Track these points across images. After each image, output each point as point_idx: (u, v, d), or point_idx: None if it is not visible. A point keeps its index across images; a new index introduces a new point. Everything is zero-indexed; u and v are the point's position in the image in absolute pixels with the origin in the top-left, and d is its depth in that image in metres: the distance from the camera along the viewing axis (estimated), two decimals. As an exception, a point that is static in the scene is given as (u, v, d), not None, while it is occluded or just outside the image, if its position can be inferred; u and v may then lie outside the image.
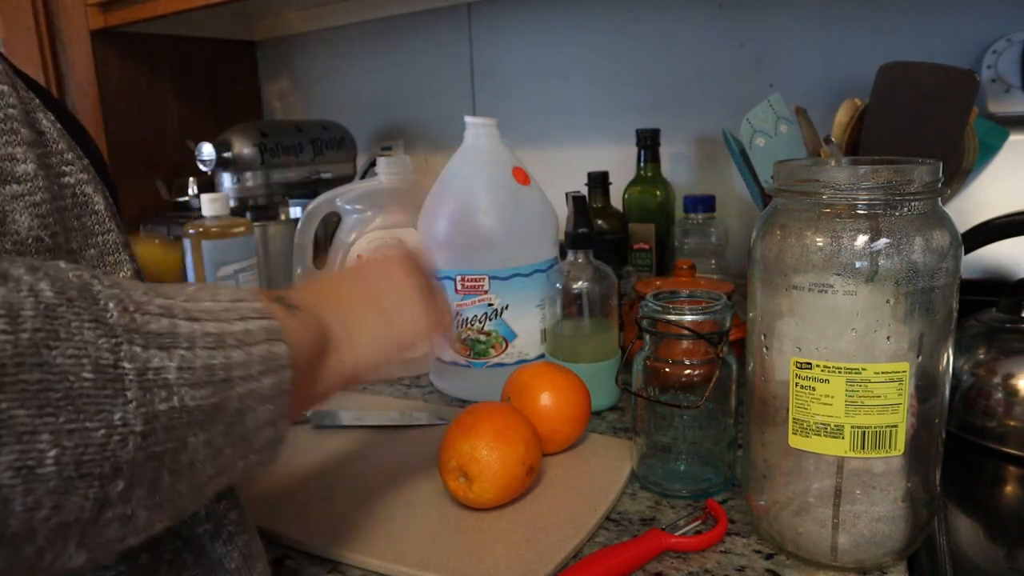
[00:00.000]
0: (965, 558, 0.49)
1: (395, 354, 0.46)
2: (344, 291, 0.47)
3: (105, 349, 0.27)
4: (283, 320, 0.38)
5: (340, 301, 0.46)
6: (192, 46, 1.31)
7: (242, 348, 0.33)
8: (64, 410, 0.25)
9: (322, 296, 0.45)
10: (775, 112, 0.75)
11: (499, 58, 1.21)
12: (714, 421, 0.58)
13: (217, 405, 0.31)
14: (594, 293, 0.73)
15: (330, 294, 0.46)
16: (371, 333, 0.45)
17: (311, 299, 0.44)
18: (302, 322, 0.40)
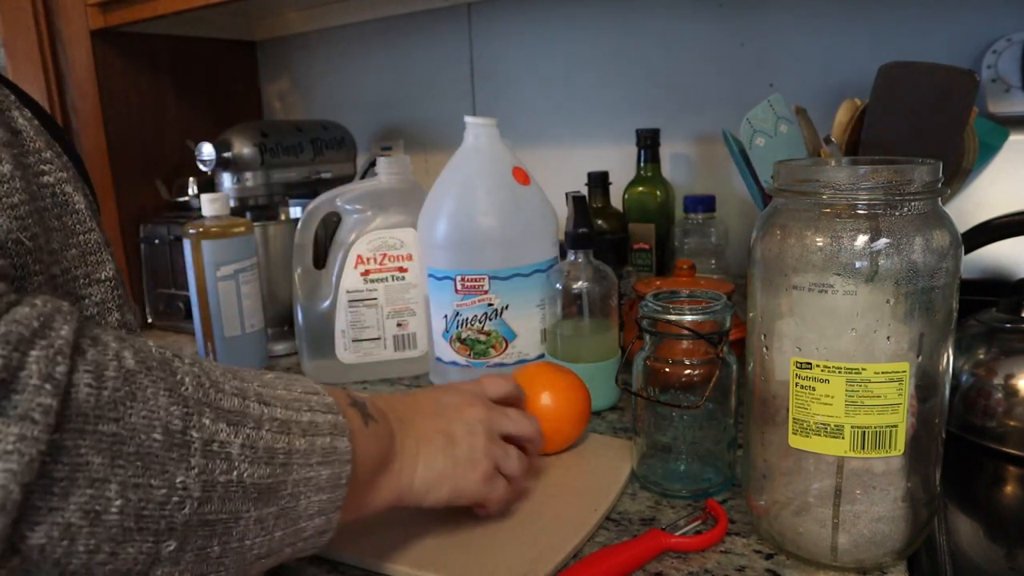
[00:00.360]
0: (965, 558, 0.49)
1: (446, 496, 0.47)
2: (426, 417, 0.48)
3: (176, 416, 0.30)
4: (353, 422, 0.41)
5: (417, 425, 0.47)
6: (192, 46, 1.31)
7: (306, 437, 0.35)
8: (133, 464, 0.28)
9: (403, 413, 0.47)
10: (775, 112, 0.75)
11: (499, 58, 1.21)
12: (714, 421, 0.58)
13: (273, 486, 0.33)
14: (594, 293, 0.73)
15: (411, 414, 0.48)
16: (435, 466, 0.47)
17: (391, 412, 0.46)
18: (373, 430, 0.42)
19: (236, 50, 1.42)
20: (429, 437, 0.47)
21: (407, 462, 0.45)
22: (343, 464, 0.37)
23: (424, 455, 0.46)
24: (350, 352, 0.87)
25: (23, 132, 0.37)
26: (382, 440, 0.43)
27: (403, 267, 0.86)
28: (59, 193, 0.38)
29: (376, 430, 0.42)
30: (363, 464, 0.40)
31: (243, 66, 1.44)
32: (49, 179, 0.37)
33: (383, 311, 0.87)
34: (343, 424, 0.38)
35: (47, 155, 0.38)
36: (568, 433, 0.63)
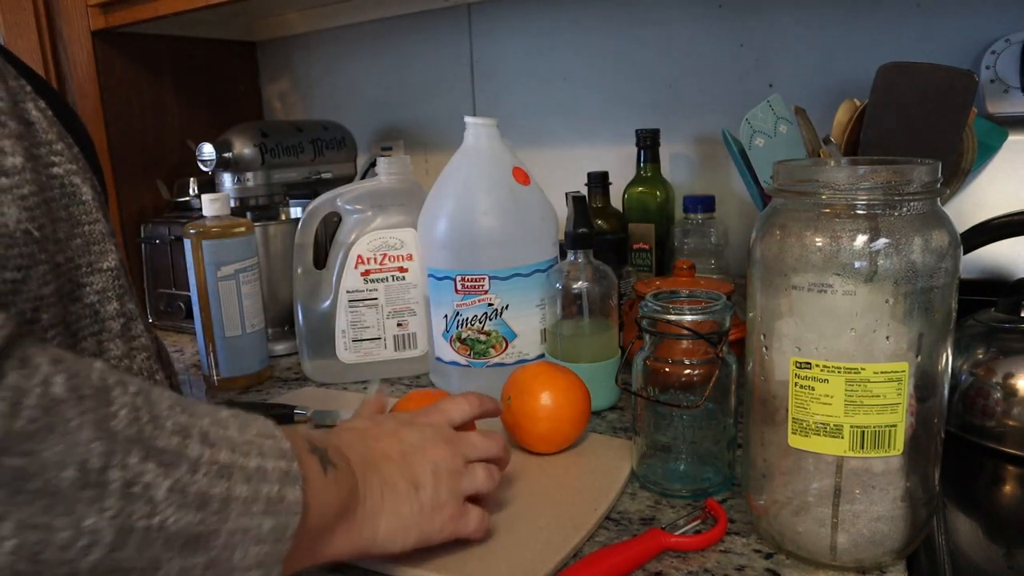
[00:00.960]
0: (964, 557, 0.49)
1: (414, 542, 0.46)
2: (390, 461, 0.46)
3: (96, 453, 0.27)
4: (310, 469, 0.38)
5: (381, 470, 0.45)
6: (193, 46, 1.31)
7: (249, 484, 0.33)
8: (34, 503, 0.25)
9: (367, 455, 0.45)
10: (774, 112, 0.75)
11: (499, 58, 1.21)
12: (714, 421, 0.58)
13: (203, 534, 0.31)
14: (594, 293, 0.74)
15: (376, 458, 0.46)
16: (400, 513, 0.45)
17: (355, 456, 0.44)
18: (333, 478, 0.40)
19: (236, 50, 1.42)
20: (393, 484, 0.45)
21: (370, 511, 0.43)
22: (290, 515, 0.35)
23: (389, 503, 0.44)
24: (350, 352, 0.87)
25: (36, 124, 0.37)
26: (342, 488, 0.41)
27: (403, 267, 0.86)
28: (67, 184, 0.38)
29: (336, 478, 0.40)
30: (318, 513, 0.38)
31: (243, 66, 1.44)
32: (58, 170, 0.38)
33: (383, 311, 0.87)
34: (295, 473, 0.36)
35: (58, 147, 0.38)
36: (568, 433, 0.63)
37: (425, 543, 0.46)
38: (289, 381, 0.90)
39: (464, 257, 0.76)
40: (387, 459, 0.46)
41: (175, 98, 1.29)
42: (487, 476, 0.50)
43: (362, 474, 0.43)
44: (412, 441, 0.48)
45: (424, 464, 0.47)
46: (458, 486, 0.48)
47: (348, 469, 0.42)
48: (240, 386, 0.88)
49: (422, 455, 0.47)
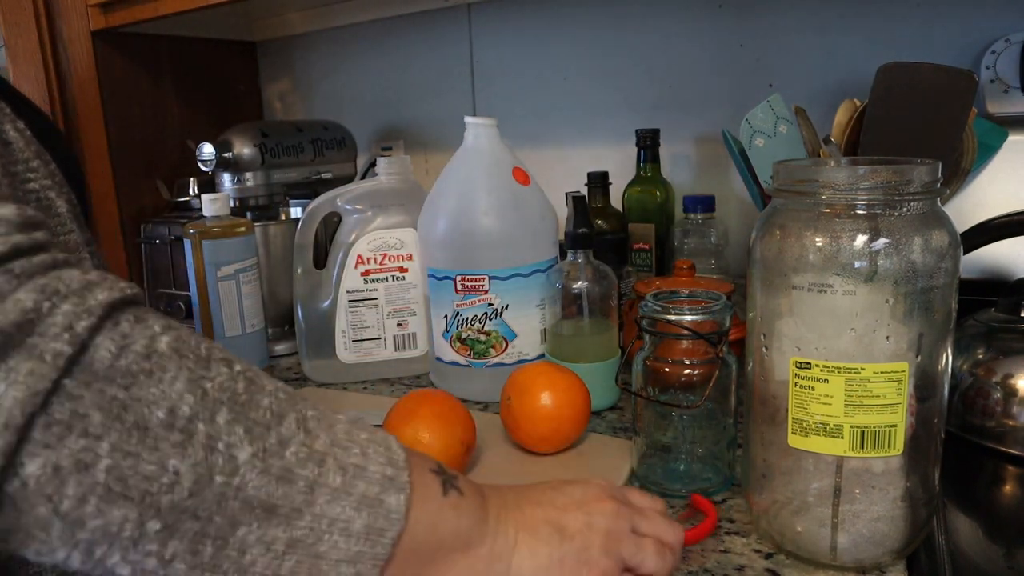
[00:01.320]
0: (964, 557, 0.49)
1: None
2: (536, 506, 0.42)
3: (187, 403, 0.30)
4: (426, 487, 0.36)
5: (522, 512, 0.41)
6: (193, 46, 1.31)
7: (344, 476, 0.33)
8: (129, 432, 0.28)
9: (508, 498, 0.42)
10: (774, 112, 0.75)
11: (499, 58, 1.21)
12: (714, 421, 0.58)
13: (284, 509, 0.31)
14: (594, 293, 0.74)
15: (518, 501, 0.42)
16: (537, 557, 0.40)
17: (493, 495, 0.41)
18: (453, 502, 0.38)
19: (237, 50, 1.42)
20: (533, 527, 0.41)
21: (499, 549, 0.39)
22: (388, 520, 0.34)
23: (524, 544, 0.40)
24: (350, 352, 0.87)
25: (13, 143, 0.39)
26: (464, 516, 0.38)
27: (403, 267, 0.86)
28: (42, 198, 0.40)
29: (459, 503, 0.38)
30: (429, 532, 0.36)
31: (244, 66, 1.44)
32: (34, 185, 0.39)
33: (383, 311, 0.87)
34: (403, 482, 0.35)
35: (34, 164, 0.40)
36: (568, 433, 0.63)
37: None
38: (289, 381, 0.90)
39: (464, 257, 0.76)
40: (532, 503, 0.42)
41: (175, 98, 1.29)
42: (658, 555, 0.43)
43: (496, 512, 0.40)
44: (570, 493, 0.43)
45: (577, 513, 0.42)
46: (617, 549, 0.41)
47: (477, 501, 0.39)
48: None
49: (578, 506, 0.42)
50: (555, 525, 0.41)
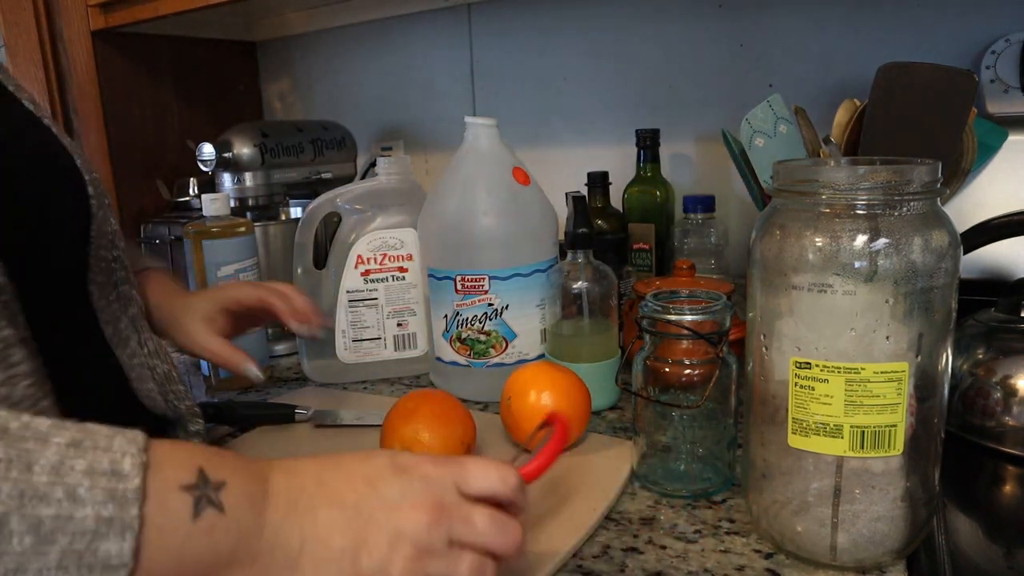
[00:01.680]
0: (964, 557, 0.49)
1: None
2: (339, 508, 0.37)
3: None
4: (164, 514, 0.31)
5: (315, 518, 0.36)
6: (193, 46, 1.31)
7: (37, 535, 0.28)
8: None
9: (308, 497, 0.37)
10: (774, 112, 0.75)
11: (499, 58, 1.21)
12: (714, 421, 0.58)
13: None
14: (594, 293, 0.74)
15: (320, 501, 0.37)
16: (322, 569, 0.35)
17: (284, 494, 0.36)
18: (206, 528, 0.33)
19: (236, 50, 1.42)
20: (325, 538, 0.36)
21: (276, 564, 0.35)
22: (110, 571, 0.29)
23: (308, 561, 0.35)
24: (350, 352, 0.87)
25: None
26: (223, 537, 0.33)
27: (403, 267, 0.86)
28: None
29: (214, 524, 0.33)
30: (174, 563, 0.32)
31: (243, 66, 1.44)
32: None
33: (383, 311, 0.87)
34: (129, 521, 0.30)
35: None
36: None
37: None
38: (289, 381, 0.90)
39: (464, 257, 0.76)
40: (335, 504, 0.37)
41: (175, 98, 1.29)
42: (471, 567, 0.38)
43: (280, 518, 0.35)
44: (386, 494, 0.37)
45: (384, 526, 0.36)
46: (423, 569, 0.36)
47: (245, 513, 0.34)
48: (240, 386, 0.88)
49: (387, 514, 0.37)
50: (352, 538, 0.36)
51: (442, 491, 0.39)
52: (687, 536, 0.52)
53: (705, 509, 0.56)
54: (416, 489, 0.38)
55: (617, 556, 0.50)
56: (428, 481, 0.39)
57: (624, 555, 0.50)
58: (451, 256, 0.77)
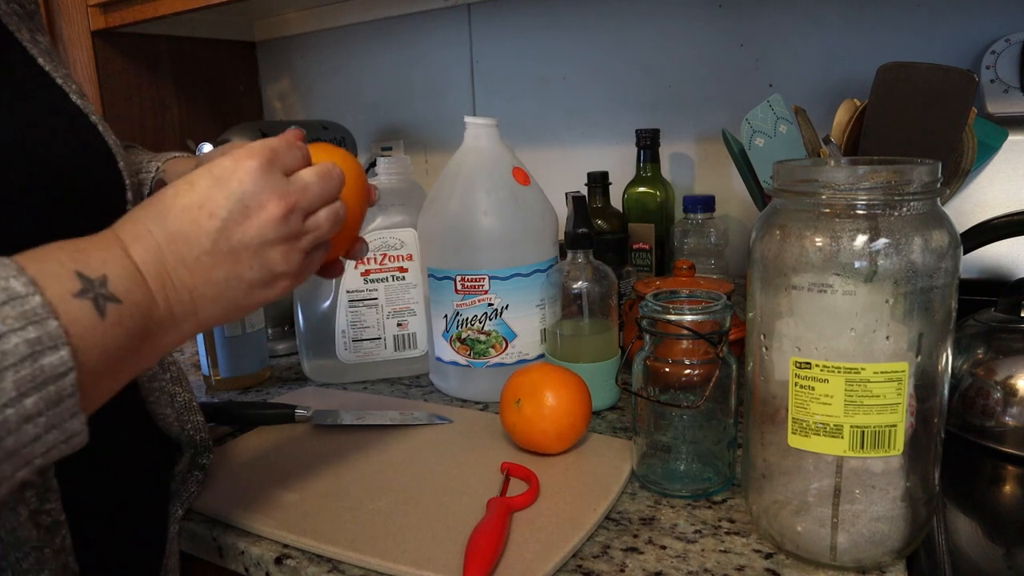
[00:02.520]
0: (964, 557, 0.49)
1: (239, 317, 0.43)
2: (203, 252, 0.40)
3: None
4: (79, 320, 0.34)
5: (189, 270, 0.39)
6: (193, 46, 1.31)
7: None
8: None
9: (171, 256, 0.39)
10: (774, 112, 0.75)
11: (499, 58, 1.21)
12: (714, 421, 0.58)
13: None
14: (594, 293, 0.74)
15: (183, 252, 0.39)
16: (219, 305, 0.41)
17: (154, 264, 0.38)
18: (115, 317, 0.36)
19: (236, 50, 1.42)
20: (206, 279, 0.40)
21: (182, 320, 0.40)
22: (57, 380, 0.32)
23: (204, 304, 0.40)
24: (350, 352, 0.87)
25: None
26: (130, 322, 0.36)
27: (403, 267, 0.86)
28: None
29: (120, 314, 0.36)
30: (106, 358, 0.35)
31: (243, 66, 1.44)
32: None
33: (383, 311, 0.87)
34: (53, 332, 0.32)
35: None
36: (580, 430, 0.63)
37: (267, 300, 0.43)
38: (289, 381, 0.90)
39: (464, 257, 0.76)
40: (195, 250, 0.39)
41: (175, 98, 1.29)
42: (332, 221, 0.44)
43: (162, 284, 0.39)
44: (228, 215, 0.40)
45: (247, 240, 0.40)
46: (298, 248, 0.42)
47: (139, 293, 0.37)
48: (240, 386, 0.88)
49: (243, 229, 0.40)
50: (229, 267, 0.40)
51: (272, 180, 0.41)
52: (687, 536, 0.52)
53: (705, 509, 0.56)
54: (251, 192, 0.41)
55: (617, 556, 0.50)
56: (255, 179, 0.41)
57: (624, 555, 0.50)
58: (451, 256, 0.77)
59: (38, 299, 0.32)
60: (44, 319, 0.32)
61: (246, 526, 0.56)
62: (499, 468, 0.62)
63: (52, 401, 0.33)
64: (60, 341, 0.32)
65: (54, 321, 0.33)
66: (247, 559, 0.54)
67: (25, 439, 0.32)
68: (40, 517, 0.42)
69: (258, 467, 0.65)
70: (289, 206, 0.42)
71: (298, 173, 0.44)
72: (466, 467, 0.63)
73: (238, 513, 0.57)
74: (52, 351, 0.32)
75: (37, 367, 0.32)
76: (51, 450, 0.33)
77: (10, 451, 0.32)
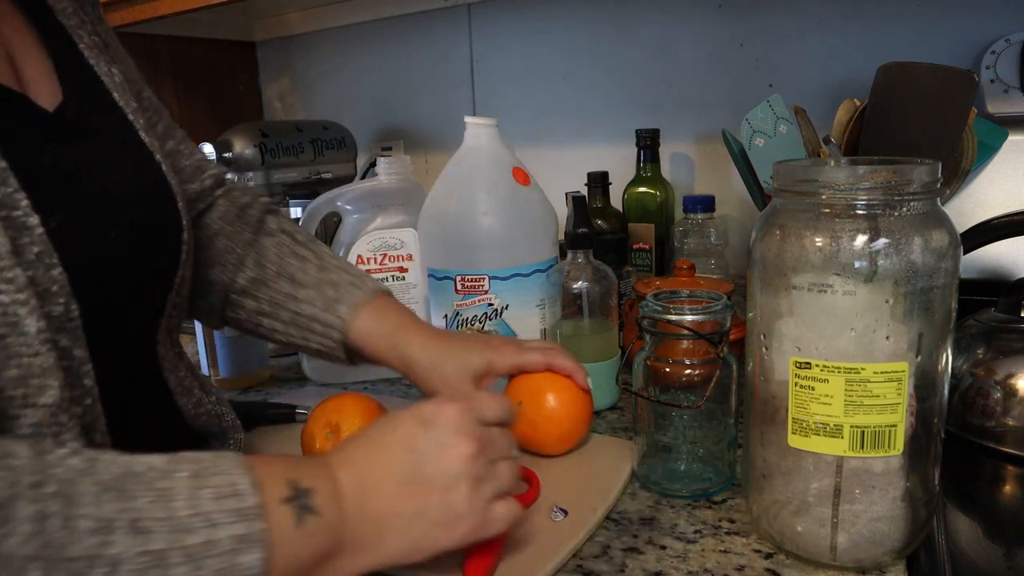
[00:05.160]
0: (964, 557, 0.49)
1: (425, 558, 0.43)
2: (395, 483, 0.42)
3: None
4: (279, 524, 0.36)
5: (381, 497, 0.41)
6: (193, 46, 1.31)
7: (193, 562, 0.32)
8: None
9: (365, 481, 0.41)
10: (774, 112, 0.75)
11: (499, 58, 1.21)
12: (714, 421, 0.58)
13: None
14: (594, 293, 0.74)
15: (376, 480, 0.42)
16: (403, 541, 0.42)
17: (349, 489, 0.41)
18: (309, 529, 0.38)
19: (236, 50, 1.42)
20: (395, 511, 0.41)
21: (364, 549, 0.41)
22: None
23: (389, 536, 0.41)
24: (350, 352, 0.87)
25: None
26: (322, 536, 0.38)
27: (403, 267, 0.86)
28: (9, 314, 0.38)
29: (315, 527, 0.38)
30: (287, 566, 0.36)
31: (243, 66, 1.44)
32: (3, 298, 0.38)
33: (383, 311, 0.87)
34: (256, 533, 0.34)
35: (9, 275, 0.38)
36: (583, 431, 0.63)
37: (445, 550, 0.43)
38: (289, 381, 0.90)
39: (464, 257, 0.76)
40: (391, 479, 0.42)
41: (175, 98, 1.29)
42: (510, 472, 0.46)
43: (356, 513, 0.40)
44: (426, 450, 0.43)
45: (438, 478, 0.42)
46: (483, 493, 0.43)
47: (334, 515, 0.39)
48: (240, 386, 0.88)
49: (436, 466, 0.43)
50: (417, 500, 0.42)
51: (469, 426, 0.44)
52: (687, 536, 0.52)
53: (705, 509, 0.56)
54: (448, 432, 0.44)
55: (617, 556, 0.50)
56: (453, 422, 0.44)
57: (624, 555, 0.50)
58: (451, 256, 0.77)
59: (254, 499, 0.35)
60: (253, 519, 0.34)
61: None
62: None
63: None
64: (260, 544, 0.34)
65: (261, 523, 0.34)
66: (247, 559, 0.54)
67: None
68: None
69: (258, 467, 0.65)
70: (480, 448, 0.44)
71: (492, 430, 0.46)
72: (466, 467, 0.62)
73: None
74: (250, 551, 0.34)
75: (235, 563, 0.34)
76: None
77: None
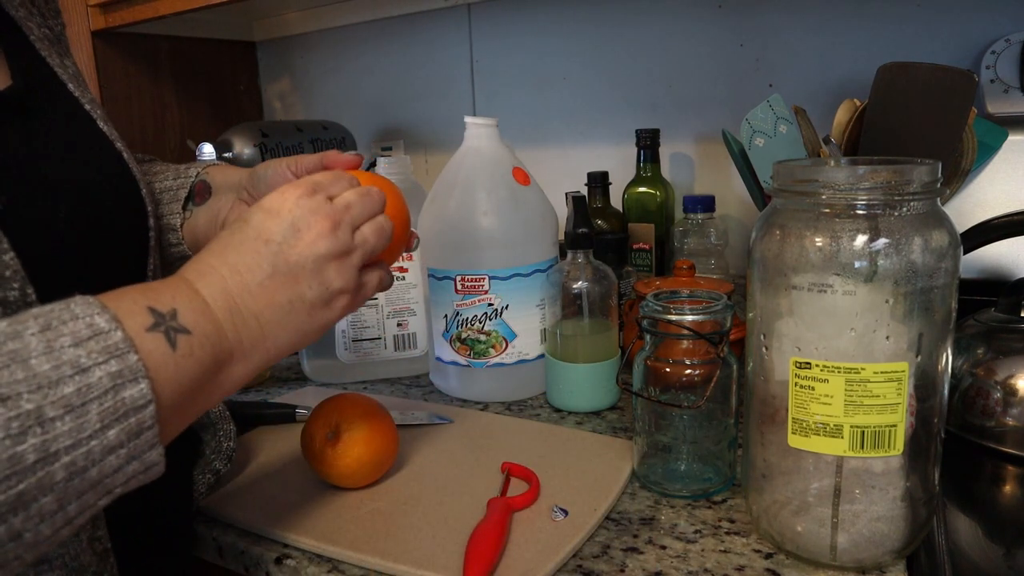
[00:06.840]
0: (964, 557, 0.49)
1: (309, 343, 0.44)
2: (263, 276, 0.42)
3: None
4: (154, 354, 0.35)
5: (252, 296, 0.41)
6: (193, 46, 1.31)
7: (73, 412, 0.32)
8: None
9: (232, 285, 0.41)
10: (774, 112, 0.75)
11: (499, 58, 1.21)
12: (714, 421, 0.58)
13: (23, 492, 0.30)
14: (594, 293, 0.74)
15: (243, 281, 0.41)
16: (288, 331, 0.43)
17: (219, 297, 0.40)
18: (187, 352, 0.37)
19: (236, 50, 1.42)
20: (270, 304, 0.41)
21: (253, 349, 0.41)
22: (138, 412, 0.34)
23: (272, 329, 0.42)
24: (350, 352, 0.87)
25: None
26: (201, 353, 0.38)
27: (403, 267, 0.86)
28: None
29: (191, 345, 0.37)
30: (180, 390, 0.36)
31: (243, 66, 1.44)
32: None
33: (383, 311, 0.87)
34: (132, 368, 0.33)
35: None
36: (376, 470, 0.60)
37: (322, 333, 0.45)
38: (289, 381, 0.90)
39: (464, 257, 0.76)
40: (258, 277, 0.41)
41: (175, 98, 1.29)
42: (377, 234, 0.47)
43: (229, 316, 0.40)
44: (282, 238, 0.42)
45: (304, 261, 0.42)
46: (350, 264, 0.45)
47: (207, 324, 0.39)
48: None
49: (298, 251, 0.42)
50: (290, 288, 0.42)
51: (317, 203, 0.44)
52: (687, 536, 0.52)
53: (705, 509, 0.56)
54: (299, 215, 0.43)
55: (617, 556, 0.50)
56: (301, 204, 0.44)
57: (624, 555, 0.50)
58: (451, 256, 0.77)
59: (119, 334, 0.34)
60: (124, 353, 0.34)
61: (246, 526, 0.56)
62: (499, 468, 0.62)
63: (133, 433, 0.34)
64: (140, 374, 0.34)
65: (134, 355, 0.34)
66: (247, 559, 0.54)
67: (108, 470, 0.33)
68: (95, 544, 0.43)
69: (258, 467, 0.65)
70: (335, 222, 0.44)
71: (340, 195, 0.46)
72: (466, 467, 0.63)
73: (238, 513, 0.57)
74: (132, 384, 0.34)
75: (119, 399, 0.33)
76: (130, 480, 0.35)
77: (94, 481, 0.33)
